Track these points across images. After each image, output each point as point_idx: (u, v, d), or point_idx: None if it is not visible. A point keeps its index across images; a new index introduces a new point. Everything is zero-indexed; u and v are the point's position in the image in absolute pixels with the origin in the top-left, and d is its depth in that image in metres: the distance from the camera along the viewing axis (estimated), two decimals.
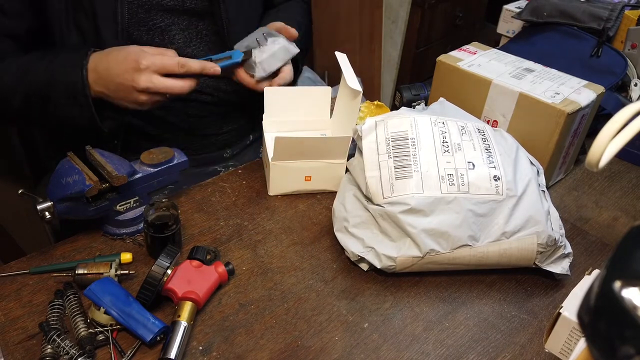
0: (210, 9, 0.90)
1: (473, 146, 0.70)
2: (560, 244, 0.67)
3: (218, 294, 0.66)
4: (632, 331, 0.25)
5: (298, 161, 0.79)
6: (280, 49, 0.86)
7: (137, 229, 0.74)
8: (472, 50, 0.93)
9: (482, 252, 0.67)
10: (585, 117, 0.82)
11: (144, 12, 0.84)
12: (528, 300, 0.68)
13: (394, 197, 0.67)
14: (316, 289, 0.68)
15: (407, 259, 0.66)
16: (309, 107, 0.88)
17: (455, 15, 2.16)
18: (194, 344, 0.60)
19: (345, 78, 0.78)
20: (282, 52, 0.86)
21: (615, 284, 0.26)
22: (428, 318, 0.65)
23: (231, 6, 0.90)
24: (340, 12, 2.11)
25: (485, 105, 0.86)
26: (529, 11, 1.14)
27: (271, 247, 0.74)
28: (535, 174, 0.72)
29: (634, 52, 1.05)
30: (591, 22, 1.05)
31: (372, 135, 0.72)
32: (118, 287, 0.61)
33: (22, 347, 0.59)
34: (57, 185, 0.67)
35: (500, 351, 0.62)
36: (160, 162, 0.74)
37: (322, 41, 2.25)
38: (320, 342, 0.62)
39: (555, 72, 0.87)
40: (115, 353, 0.58)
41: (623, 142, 0.39)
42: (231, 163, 1.06)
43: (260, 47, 0.85)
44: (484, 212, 0.66)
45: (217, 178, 0.87)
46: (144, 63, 0.74)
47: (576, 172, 0.94)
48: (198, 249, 0.67)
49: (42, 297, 0.65)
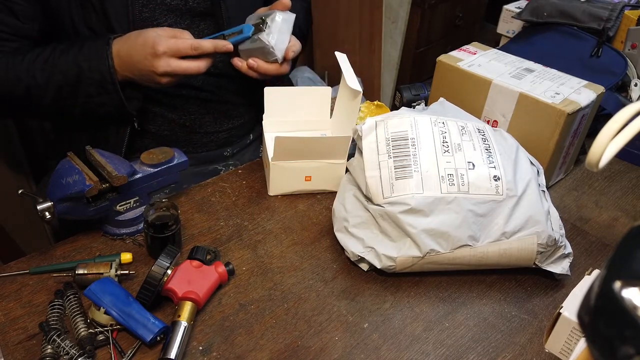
0: (212, 9, 0.91)
1: (473, 146, 0.70)
2: (561, 244, 0.67)
3: (218, 294, 0.66)
4: (632, 331, 0.25)
5: (298, 161, 0.79)
6: (281, 21, 0.85)
7: (137, 229, 0.74)
8: (472, 50, 0.93)
9: (482, 252, 0.67)
10: (585, 117, 0.82)
11: (148, 12, 0.86)
12: (528, 300, 0.68)
13: (394, 197, 0.67)
14: (316, 289, 0.68)
15: (407, 259, 0.66)
16: (309, 107, 0.88)
17: (455, 15, 2.16)
18: (194, 344, 0.60)
19: (345, 78, 0.78)
20: (285, 24, 0.85)
21: (615, 284, 0.26)
22: (428, 318, 0.65)
23: (232, 6, 0.91)
24: (340, 12, 2.11)
25: (485, 105, 0.86)
26: (529, 11, 1.14)
27: (271, 247, 0.74)
28: (535, 174, 0.72)
29: (634, 52, 1.05)
30: (591, 22, 1.05)
31: (372, 135, 0.72)
32: (118, 287, 0.61)
33: (22, 347, 0.59)
34: (57, 185, 0.67)
35: (501, 351, 0.62)
36: (160, 162, 0.74)
37: (322, 41, 2.25)
38: (320, 342, 0.62)
39: (555, 72, 0.87)
40: (115, 353, 0.58)
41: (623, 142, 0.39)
42: (231, 162, 1.06)
43: (264, 30, 0.84)
44: (484, 212, 0.66)
45: (217, 178, 0.87)
46: (160, 49, 0.77)
47: (576, 172, 0.94)
48: (198, 249, 0.67)
49: (42, 297, 0.65)
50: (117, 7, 0.82)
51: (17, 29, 0.83)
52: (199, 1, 0.89)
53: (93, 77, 0.80)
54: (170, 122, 0.95)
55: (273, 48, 0.84)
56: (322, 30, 2.23)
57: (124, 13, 0.83)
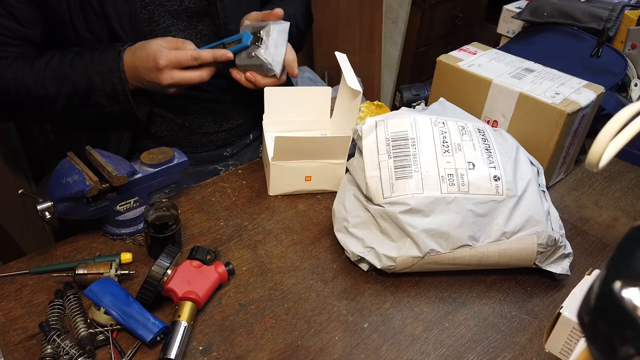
0: (208, 10, 0.91)
1: (473, 146, 0.70)
2: (561, 244, 0.67)
3: (218, 294, 0.66)
4: (632, 331, 0.25)
5: (298, 161, 0.79)
6: (277, 34, 0.85)
7: (137, 229, 0.74)
8: (472, 50, 0.93)
9: (482, 252, 0.67)
10: (585, 118, 0.82)
11: (147, 13, 0.86)
12: (528, 301, 0.68)
13: (394, 197, 0.67)
14: (316, 289, 0.68)
15: (407, 259, 0.66)
16: (309, 107, 0.88)
17: (455, 15, 2.16)
18: (194, 344, 0.60)
19: (345, 78, 0.78)
20: (280, 35, 0.86)
21: (615, 284, 0.26)
22: (428, 318, 0.65)
23: (228, 6, 0.91)
24: (340, 12, 2.11)
25: (485, 105, 0.86)
26: (529, 11, 1.14)
27: (271, 247, 0.74)
28: (535, 174, 0.72)
29: (634, 52, 1.05)
30: (591, 22, 1.05)
31: (372, 135, 0.72)
32: (118, 287, 0.61)
33: (22, 347, 0.59)
34: (57, 185, 0.67)
35: (501, 351, 0.62)
36: (160, 162, 0.74)
37: (322, 41, 2.25)
38: (320, 342, 0.62)
39: (555, 72, 0.87)
40: (115, 353, 0.58)
41: (623, 143, 0.39)
42: (231, 162, 1.06)
43: (260, 46, 0.84)
44: (484, 212, 0.66)
45: (217, 178, 0.87)
46: (161, 63, 0.79)
47: (576, 172, 0.94)
48: (198, 249, 0.67)
49: (42, 297, 0.65)
50: (117, 9, 0.83)
51: (19, 33, 0.83)
52: (195, 1, 0.89)
53: (105, 88, 0.82)
54: (169, 122, 0.96)
55: (271, 64, 0.85)
56: (322, 30, 2.23)
57: (126, 15, 0.83)
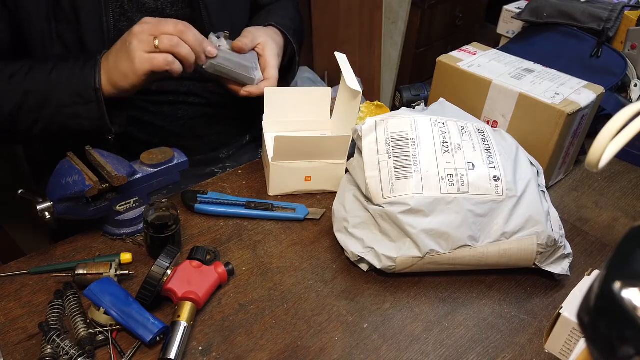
0: (192, 16, 0.88)
1: (473, 146, 0.70)
2: (560, 244, 0.67)
3: (218, 294, 0.66)
4: (632, 331, 0.25)
5: (298, 161, 0.79)
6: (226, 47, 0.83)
7: (137, 229, 0.74)
8: (472, 50, 0.94)
9: (482, 253, 0.67)
10: (585, 118, 0.82)
11: (126, 20, 0.83)
12: (528, 301, 0.68)
13: (393, 197, 0.67)
14: (316, 289, 0.68)
15: (407, 259, 0.66)
16: (309, 107, 0.88)
17: (455, 15, 2.16)
18: (194, 344, 0.60)
19: (345, 78, 0.78)
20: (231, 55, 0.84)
21: (615, 285, 0.26)
22: (428, 318, 0.65)
23: (214, 13, 0.88)
24: (340, 12, 2.11)
25: (485, 105, 0.86)
26: (528, 12, 1.14)
27: (271, 247, 0.74)
28: (535, 175, 0.72)
29: (633, 52, 1.05)
30: (591, 22, 1.06)
31: (372, 136, 0.72)
32: (118, 288, 0.61)
33: (22, 347, 0.59)
34: (57, 185, 0.67)
35: (500, 352, 0.62)
36: (160, 162, 0.74)
37: (322, 42, 2.25)
38: (320, 342, 0.62)
39: (555, 73, 0.87)
40: (115, 353, 0.58)
41: (623, 143, 0.39)
42: (228, 164, 1.06)
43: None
44: (484, 213, 0.66)
45: (217, 178, 0.87)
46: (136, 28, 0.73)
47: (576, 172, 0.94)
48: (198, 249, 0.67)
49: (42, 297, 0.65)
50: (91, 17, 0.79)
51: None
52: (177, 9, 0.86)
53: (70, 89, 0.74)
54: (160, 129, 0.95)
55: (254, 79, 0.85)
56: (322, 31, 2.23)
57: (99, 24, 0.80)
